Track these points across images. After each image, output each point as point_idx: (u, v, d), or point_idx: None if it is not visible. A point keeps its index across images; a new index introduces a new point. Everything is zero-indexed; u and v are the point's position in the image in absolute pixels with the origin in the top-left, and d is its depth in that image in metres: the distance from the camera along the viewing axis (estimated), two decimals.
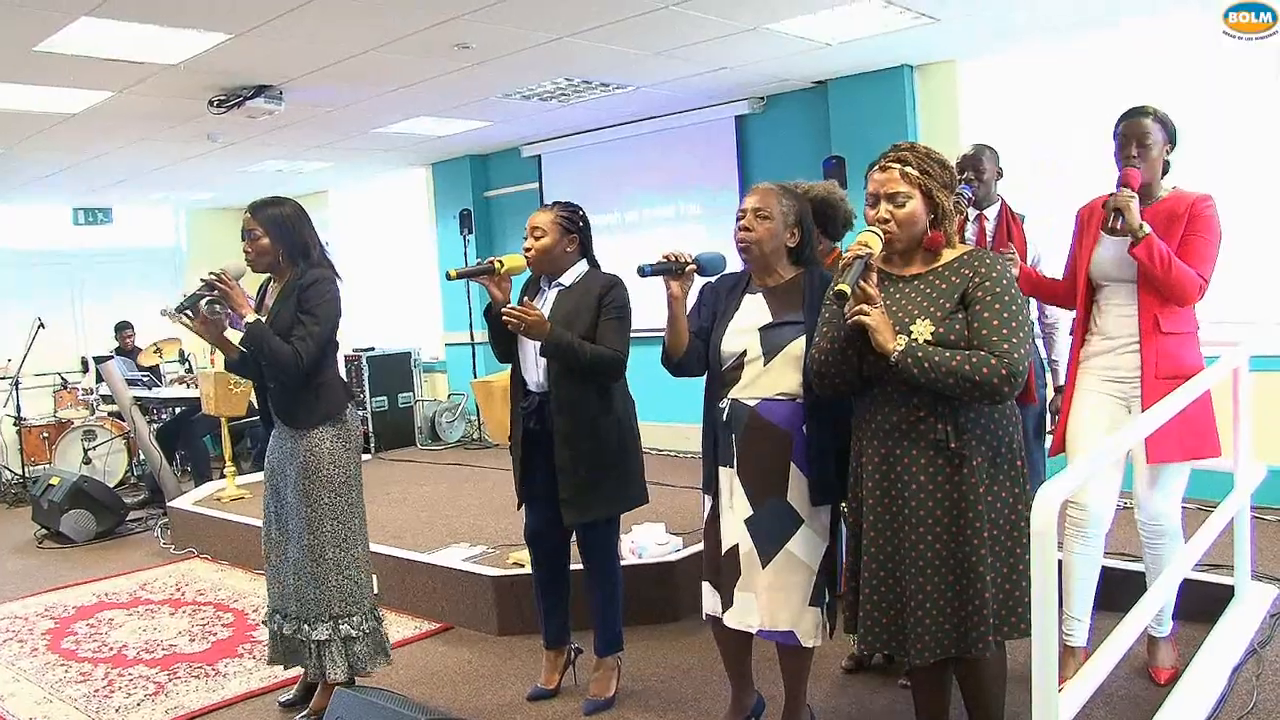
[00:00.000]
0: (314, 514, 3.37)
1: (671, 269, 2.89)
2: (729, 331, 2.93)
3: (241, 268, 3.42)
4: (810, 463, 2.82)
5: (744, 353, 2.89)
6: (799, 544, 2.84)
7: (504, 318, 3.23)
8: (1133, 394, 3.16)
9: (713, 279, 3.08)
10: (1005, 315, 2.41)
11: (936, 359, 2.37)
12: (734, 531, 2.92)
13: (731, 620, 2.94)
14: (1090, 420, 3.22)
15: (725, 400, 2.92)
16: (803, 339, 2.81)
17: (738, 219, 2.95)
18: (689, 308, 3.00)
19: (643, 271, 2.96)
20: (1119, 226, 3.02)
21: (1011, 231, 3.99)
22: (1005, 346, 2.37)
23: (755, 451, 2.87)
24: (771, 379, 2.85)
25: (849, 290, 2.38)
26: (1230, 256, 4.95)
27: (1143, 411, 3.02)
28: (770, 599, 2.86)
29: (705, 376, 3.04)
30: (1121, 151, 3.17)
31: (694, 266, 2.92)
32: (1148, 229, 3.01)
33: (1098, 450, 2.64)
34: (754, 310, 2.93)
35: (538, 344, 3.30)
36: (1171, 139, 3.19)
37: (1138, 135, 3.14)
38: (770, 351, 2.85)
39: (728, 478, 2.94)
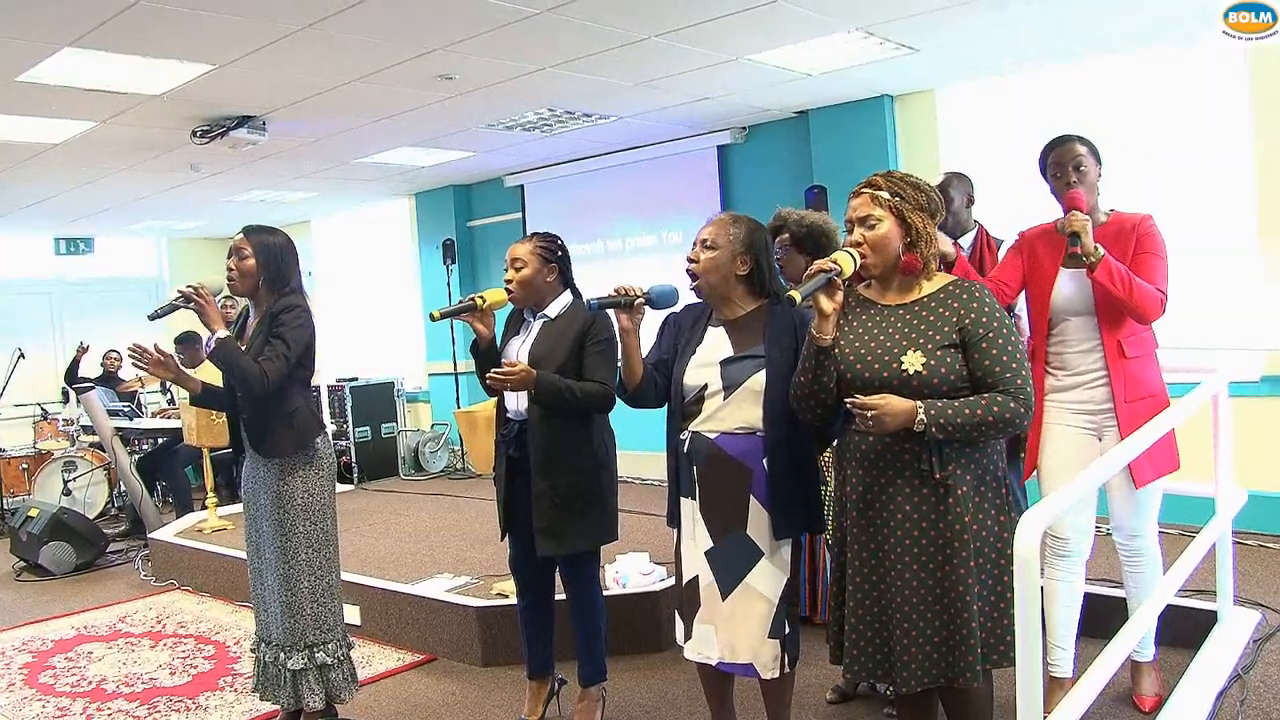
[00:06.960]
0: (289, 543, 3.36)
1: (621, 302, 2.90)
2: (691, 366, 2.92)
3: (220, 286, 3.43)
4: (770, 496, 2.81)
5: (705, 386, 2.88)
6: (758, 577, 2.83)
7: (488, 382, 3.26)
8: (1105, 424, 3.18)
9: (677, 310, 3.07)
10: (1009, 349, 2.43)
11: (959, 420, 2.35)
12: (695, 563, 2.92)
13: (690, 652, 2.94)
14: (1065, 455, 3.21)
15: (686, 432, 2.92)
16: (763, 374, 2.80)
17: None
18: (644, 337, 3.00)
19: (590, 305, 2.99)
20: (1076, 250, 3.02)
21: (985, 258, 3.98)
22: (1018, 382, 2.40)
23: (715, 484, 2.86)
24: (731, 412, 2.84)
25: (799, 299, 2.41)
26: (1202, 283, 5.03)
27: (1122, 437, 3.04)
28: (729, 631, 2.85)
29: (667, 409, 3.03)
30: (1058, 180, 3.20)
31: (643, 300, 2.93)
32: (1103, 251, 3.01)
33: (1078, 479, 2.65)
34: (716, 343, 2.92)
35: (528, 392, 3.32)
36: (1100, 163, 3.22)
37: (1072, 161, 3.17)
38: (730, 385, 2.84)
39: (690, 509, 2.94)
